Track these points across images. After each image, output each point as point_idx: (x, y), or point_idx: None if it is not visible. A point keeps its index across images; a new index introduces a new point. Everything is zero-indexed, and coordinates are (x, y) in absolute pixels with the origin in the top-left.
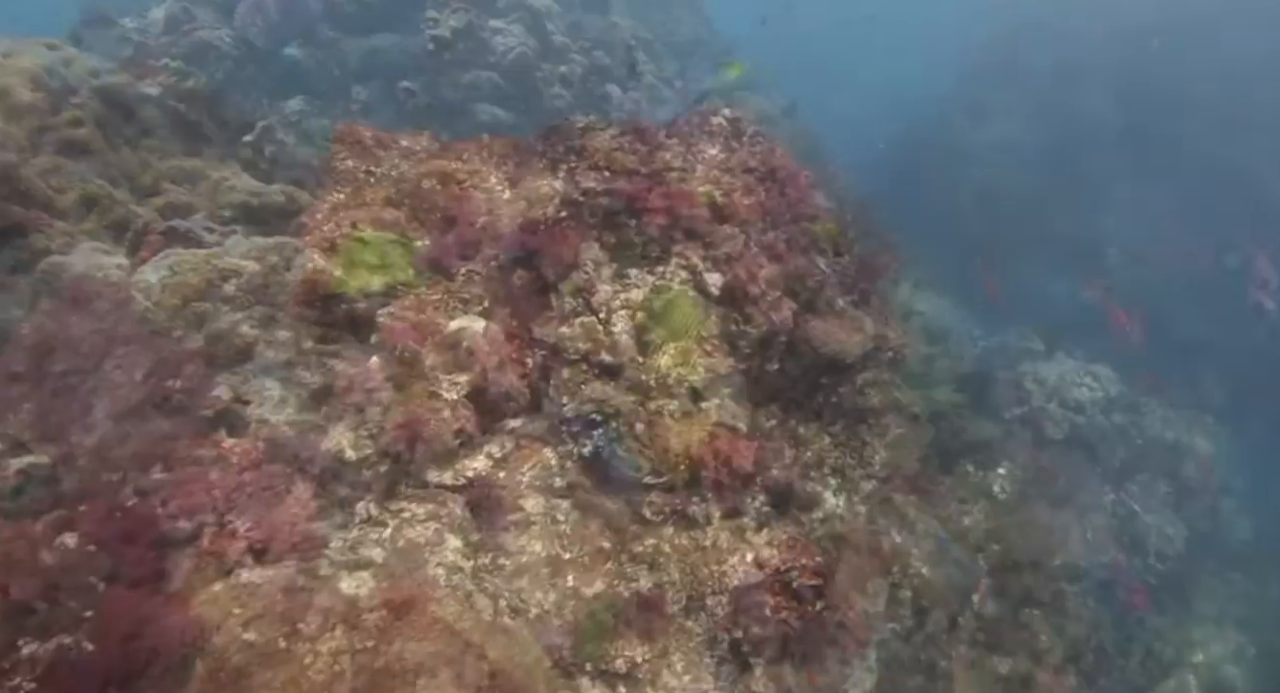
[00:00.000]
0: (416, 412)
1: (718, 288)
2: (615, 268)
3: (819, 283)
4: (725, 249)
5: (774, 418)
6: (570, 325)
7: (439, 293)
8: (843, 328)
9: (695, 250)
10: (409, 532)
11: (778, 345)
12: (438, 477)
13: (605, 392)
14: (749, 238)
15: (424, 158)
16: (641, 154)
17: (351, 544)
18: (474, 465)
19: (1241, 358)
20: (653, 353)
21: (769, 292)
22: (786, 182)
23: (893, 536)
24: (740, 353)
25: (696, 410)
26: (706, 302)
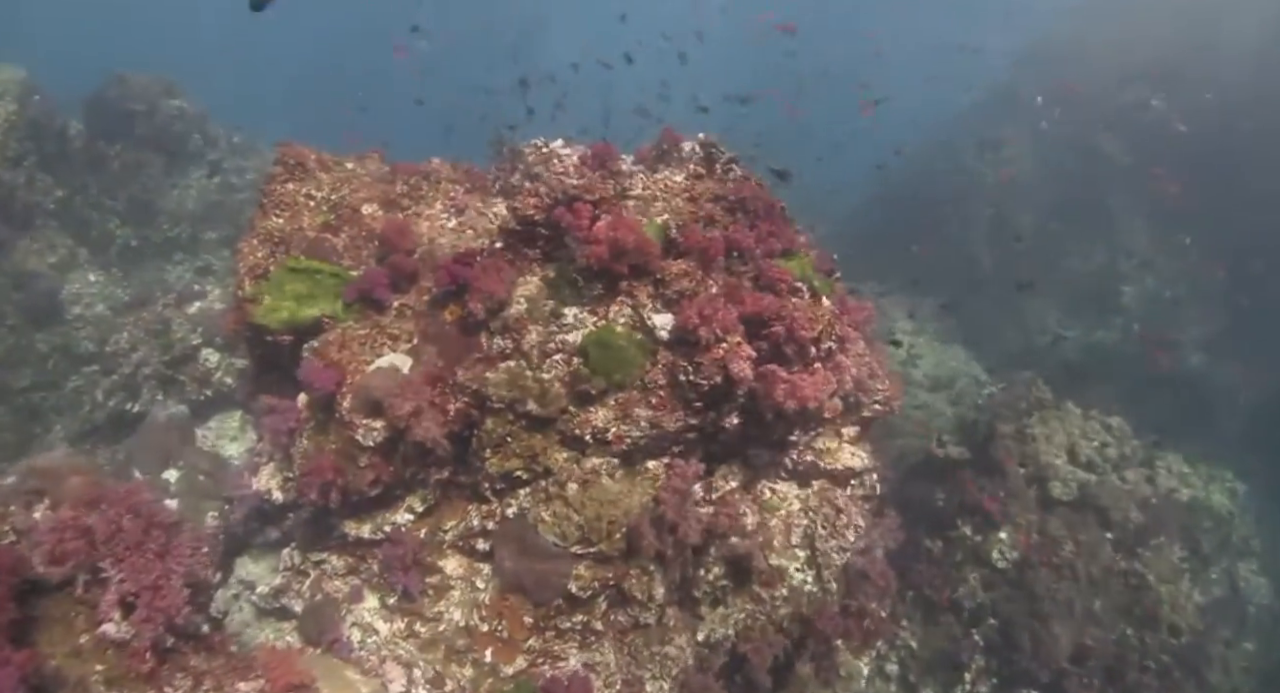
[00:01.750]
0: (322, 460)
1: (667, 331)
2: (552, 306)
3: (788, 326)
4: (677, 287)
5: (734, 478)
6: (495, 370)
7: (367, 327)
8: (813, 378)
9: (643, 288)
10: (328, 585)
11: (736, 398)
12: (356, 530)
13: (533, 446)
14: (707, 275)
15: (368, 182)
16: (589, 181)
17: (275, 592)
18: (394, 519)
19: (1265, 408)
20: (590, 404)
21: (727, 337)
22: (758, 213)
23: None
24: (690, 406)
25: (640, 471)
26: (654, 346)
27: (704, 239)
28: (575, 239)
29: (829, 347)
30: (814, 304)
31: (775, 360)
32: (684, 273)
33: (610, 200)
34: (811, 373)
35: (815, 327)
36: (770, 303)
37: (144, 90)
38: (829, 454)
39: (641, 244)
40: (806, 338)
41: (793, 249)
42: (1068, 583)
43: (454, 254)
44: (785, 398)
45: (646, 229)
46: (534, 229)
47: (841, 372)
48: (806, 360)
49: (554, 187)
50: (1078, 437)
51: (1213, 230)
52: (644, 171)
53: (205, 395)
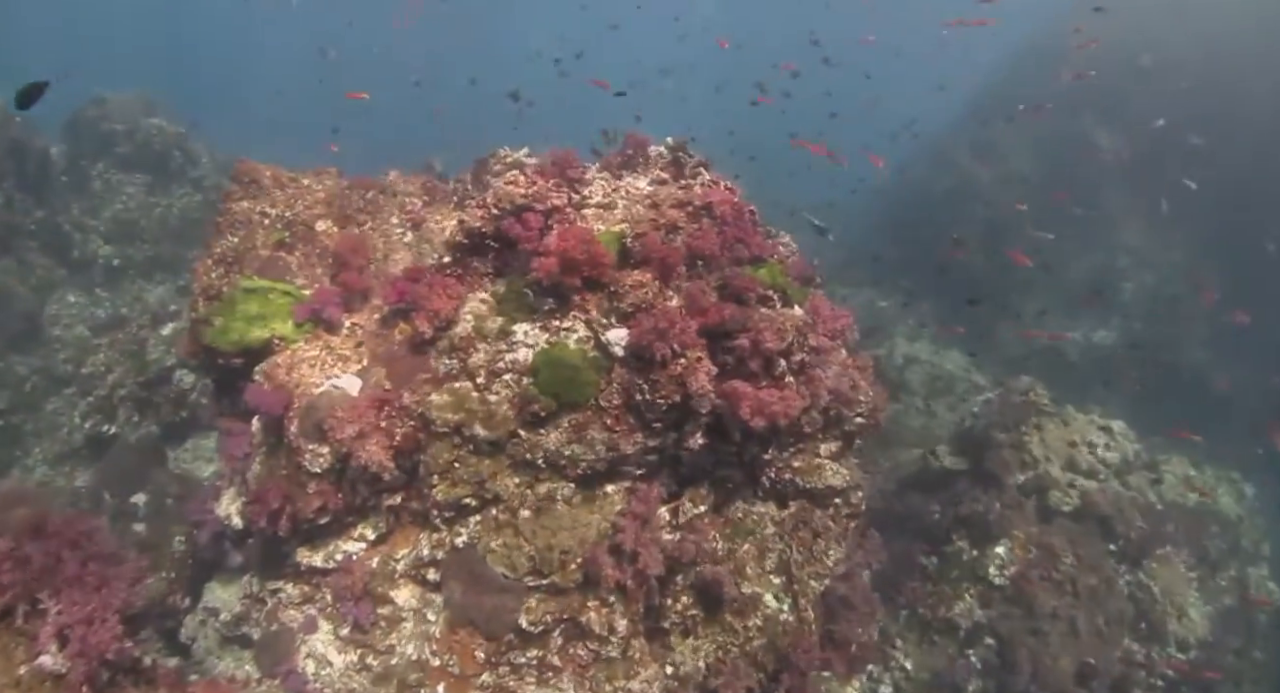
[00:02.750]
0: (269, 487)
1: (621, 347)
2: (501, 323)
3: (753, 339)
4: (631, 300)
5: (703, 501)
6: (440, 392)
7: (317, 348)
8: (782, 393)
9: (597, 302)
10: (284, 614)
11: (699, 416)
12: (309, 558)
13: (480, 472)
14: (665, 286)
15: (322, 198)
16: (538, 190)
17: (236, 619)
18: (346, 548)
19: (1273, 404)
20: (541, 426)
21: (686, 352)
22: (725, 219)
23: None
24: (649, 427)
25: (599, 495)
26: (609, 364)
27: (662, 248)
28: (524, 252)
29: (801, 359)
30: (784, 314)
31: (741, 375)
32: (639, 284)
33: (562, 210)
34: (781, 388)
35: (784, 338)
36: (734, 314)
37: (124, 110)
38: (808, 472)
39: (593, 255)
40: (774, 350)
41: (764, 256)
42: (1068, 599)
43: (404, 270)
44: (752, 415)
45: (602, 239)
46: (483, 242)
47: (815, 385)
48: (775, 374)
49: (501, 197)
50: (1078, 443)
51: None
52: (606, 178)
53: (181, 417)
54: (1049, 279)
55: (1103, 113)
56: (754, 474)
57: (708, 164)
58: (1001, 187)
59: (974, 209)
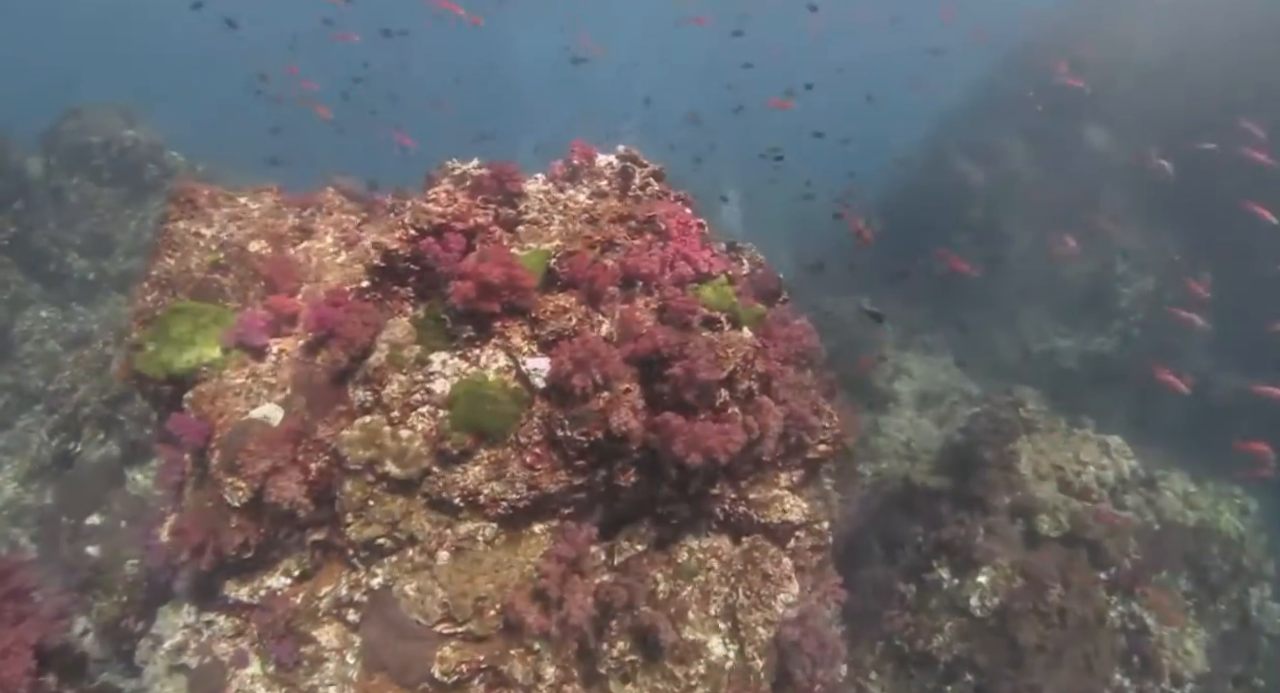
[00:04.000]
0: (191, 521)
1: (542, 378)
2: (419, 351)
3: (687, 368)
4: (553, 327)
5: (642, 540)
6: (352, 426)
7: (243, 376)
8: (720, 427)
9: (518, 329)
10: (216, 647)
11: (629, 453)
12: (236, 592)
13: (392, 512)
14: (594, 310)
15: (256, 217)
16: (458, 207)
17: (176, 648)
18: (271, 583)
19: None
20: (458, 463)
21: (611, 383)
22: (670, 234)
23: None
24: (572, 464)
25: (524, 535)
26: (530, 396)
27: (590, 268)
28: (444, 275)
29: (748, 387)
30: (729, 338)
31: (678, 408)
32: (561, 310)
33: (486, 228)
34: (722, 420)
35: (723, 366)
36: (668, 339)
37: (100, 122)
38: (765, 506)
39: (511, 278)
40: (711, 380)
41: (712, 273)
42: (1055, 631)
43: (326, 293)
44: (686, 452)
45: (528, 259)
46: (402, 264)
47: (764, 415)
48: (715, 405)
49: (418, 216)
50: (1071, 461)
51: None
52: (545, 192)
53: (146, 434)
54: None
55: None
56: (702, 509)
57: (660, 174)
58: (997, 188)
59: (969, 211)
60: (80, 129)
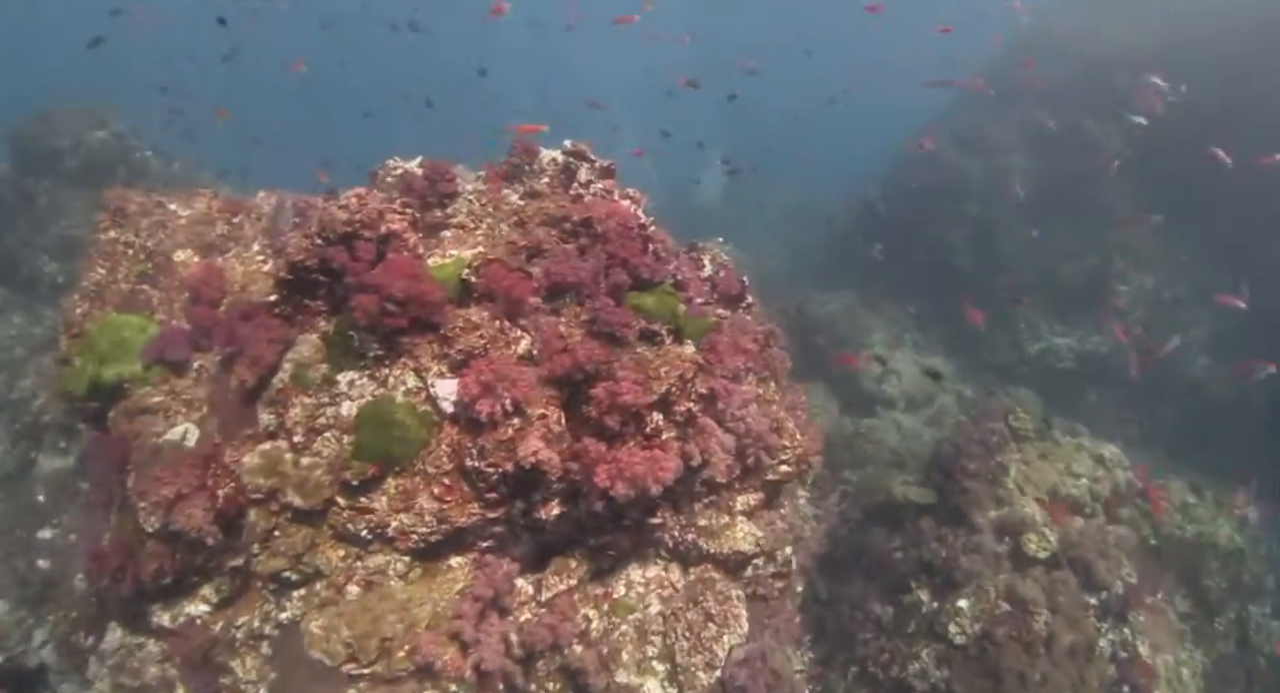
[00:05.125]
0: (106, 545)
1: (450, 402)
2: (325, 371)
3: (610, 390)
4: (464, 345)
5: (572, 575)
6: (254, 453)
7: (162, 394)
8: (649, 454)
9: (428, 347)
10: (146, 671)
11: (548, 484)
12: (159, 617)
13: (295, 545)
14: (513, 324)
15: (184, 225)
16: (368, 214)
17: (115, 668)
18: (191, 610)
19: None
20: (364, 492)
21: (526, 408)
22: (609, 238)
23: None
24: (483, 497)
25: (441, 569)
26: (440, 420)
27: (507, 279)
28: (351, 287)
29: (688, 409)
30: (666, 355)
31: (603, 433)
32: (471, 326)
33: (400, 235)
34: (651, 447)
35: (653, 388)
36: (589, 357)
37: (69, 123)
38: (714, 535)
39: (416, 291)
40: (638, 404)
41: (655, 280)
42: (1041, 661)
43: (242, 306)
44: (610, 482)
45: (442, 269)
46: (310, 276)
47: (707, 439)
48: (645, 430)
49: (325, 223)
50: (1062, 473)
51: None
52: (476, 194)
53: None
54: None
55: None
56: (644, 539)
57: (609, 171)
58: (994, 182)
59: (965, 206)
60: (49, 131)
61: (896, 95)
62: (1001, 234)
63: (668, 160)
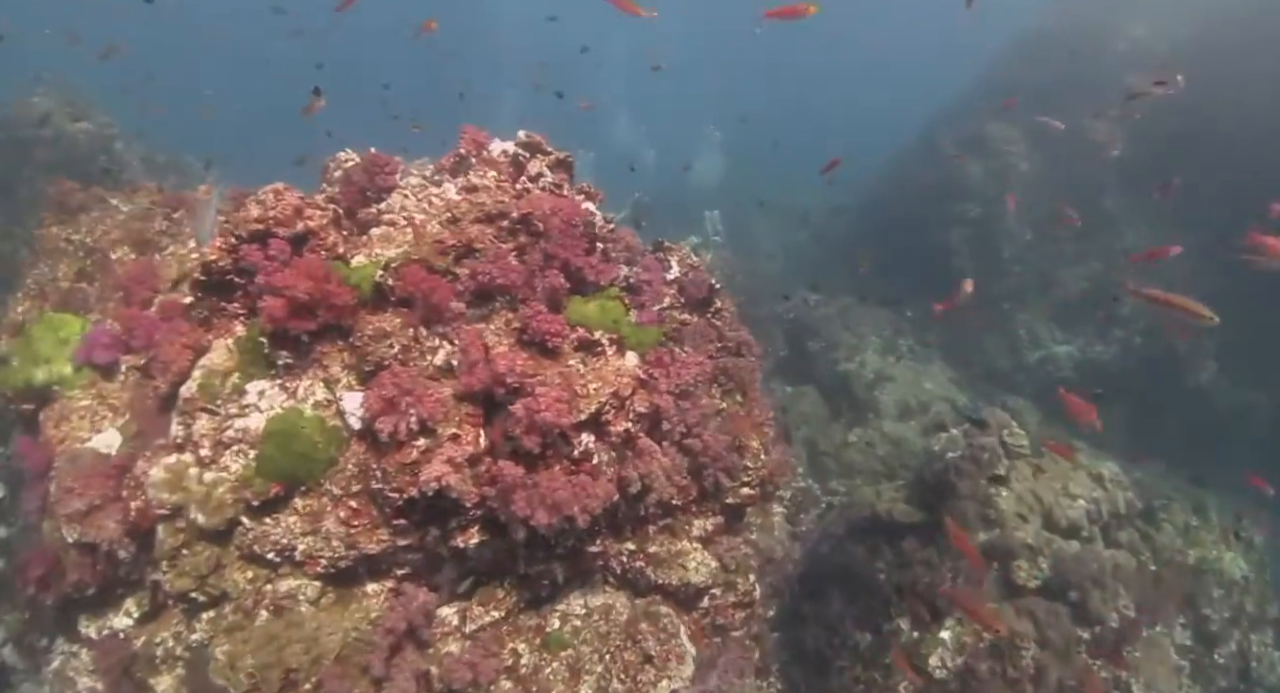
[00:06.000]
0: (33, 554)
1: (359, 417)
2: (235, 380)
3: (530, 407)
4: (374, 354)
5: (500, 606)
6: (159, 466)
7: (90, 397)
8: (574, 480)
9: (338, 355)
10: (80, 681)
11: (465, 510)
12: (86, 628)
13: (203, 565)
14: (429, 332)
15: (123, 220)
16: (282, 211)
17: (56, 673)
18: (114, 622)
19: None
20: (269, 512)
21: (436, 427)
22: (551, 235)
23: None
24: (391, 523)
25: (354, 595)
26: (349, 437)
27: (426, 282)
28: (263, 289)
29: (625, 429)
30: (599, 369)
31: (524, 455)
32: (381, 334)
33: (318, 232)
34: (578, 471)
35: (583, 405)
36: (509, 371)
37: (46, 114)
38: (665, 563)
39: (322, 293)
40: (559, 423)
41: (599, 283)
42: None
43: (159, 306)
44: (530, 510)
45: (360, 270)
46: (224, 277)
47: (648, 461)
48: (573, 453)
49: (238, 219)
50: (1059, 494)
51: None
52: (414, 188)
53: None
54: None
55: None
56: (583, 566)
57: (565, 163)
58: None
59: (964, 208)
60: (25, 121)
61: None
62: (1002, 237)
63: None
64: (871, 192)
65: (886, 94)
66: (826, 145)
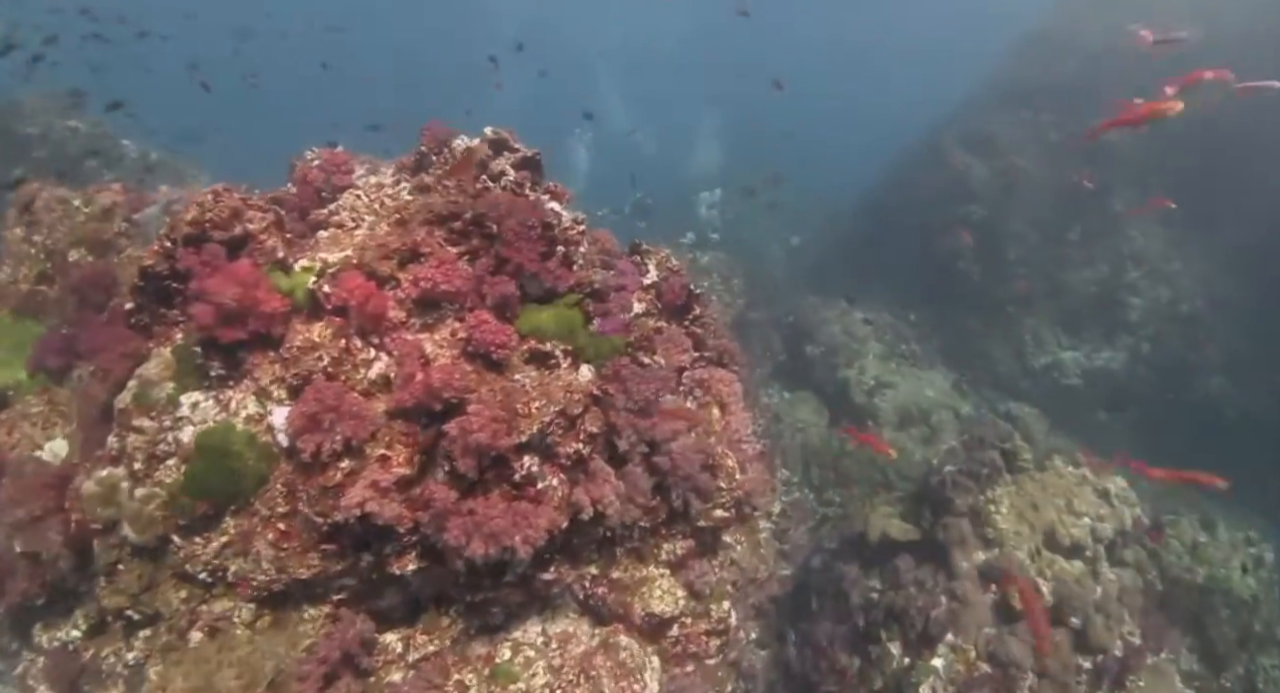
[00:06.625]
0: None
1: (286, 433)
2: (170, 390)
3: (464, 427)
4: (301, 367)
5: (444, 635)
6: (91, 478)
7: (42, 403)
8: (514, 508)
9: (269, 367)
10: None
11: (399, 536)
12: (40, 637)
13: (134, 584)
14: (364, 342)
15: (82, 221)
16: (219, 213)
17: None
18: (63, 634)
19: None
20: (200, 531)
21: (365, 447)
22: (508, 237)
23: None
24: (319, 548)
25: (291, 619)
26: (278, 453)
27: (361, 290)
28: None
29: (575, 450)
30: (546, 385)
31: (454, 483)
32: (310, 346)
33: (256, 236)
34: (521, 497)
35: (524, 426)
36: (443, 386)
37: (38, 112)
38: (628, 590)
39: (249, 301)
40: (495, 445)
41: (558, 291)
42: None
43: (110, 311)
44: (464, 539)
45: (297, 277)
46: (162, 283)
47: (599, 487)
48: (514, 478)
49: (173, 222)
50: (1062, 511)
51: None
52: (366, 189)
53: None
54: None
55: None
56: (537, 594)
57: (532, 162)
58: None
59: (970, 209)
60: (16, 120)
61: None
62: (1008, 239)
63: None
64: (874, 192)
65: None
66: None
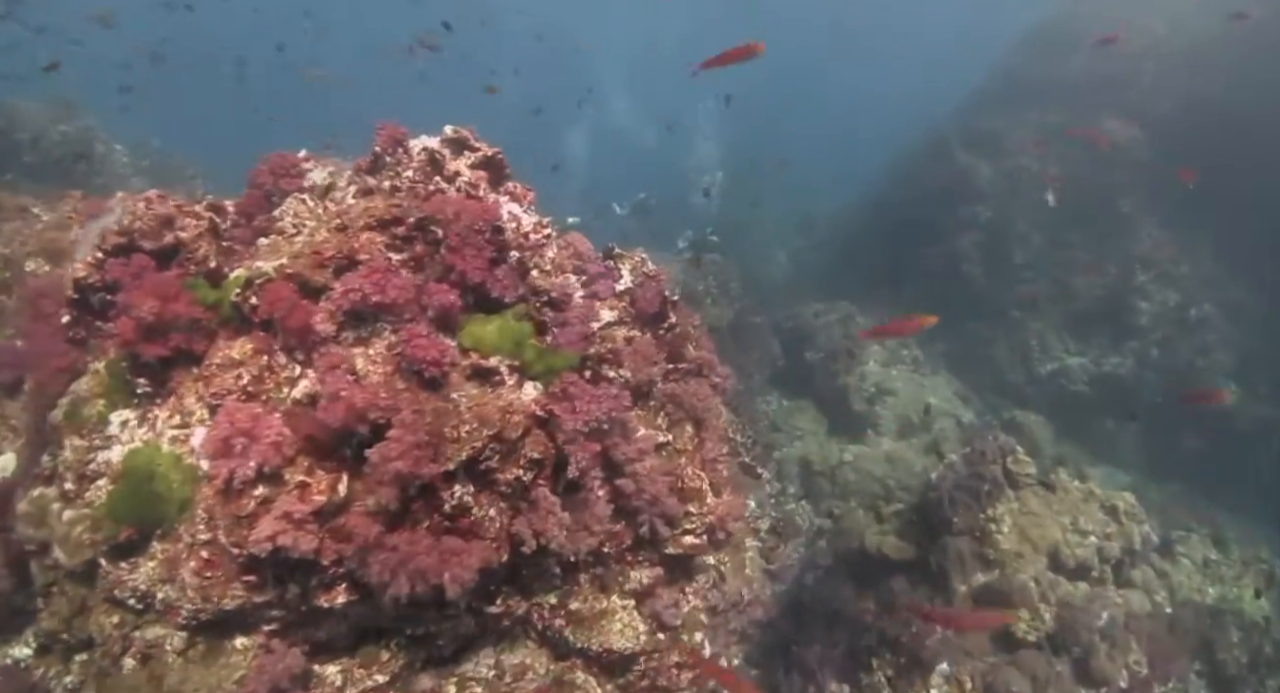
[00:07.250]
0: None
1: (207, 458)
2: (101, 407)
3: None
4: (220, 385)
5: (384, 669)
6: (24, 498)
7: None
8: (437, 542)
9: (193, 385)
10: None
11: (323, 569)
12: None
13: (65, 608)
14: (280, 361)
15: (39, 230)
16: (147, 222)
17: None
18: (14, 651)
19: None
20: (127, 555)
21: (284, 472)
22: (453, 243)
23: None
24: (242, 578)
25: (224, 648)
26: (201, 477)
27: (286, 301)
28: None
29: (515, 477)
30: (480, 407)
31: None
32: (230, 362)
33: (189, 244)
34: (453, 530)
35: (452, 452)
36: (368, 406)
37: (31, 117)
38: (585, 623)
39: (168, 314)
40: (416, 473)
41: (505, 299)
42: None
43: (50, 327)
44: (388, 576)
45: (225, 288)
46: (95, 295)
47: (542, 519)
48: (444, 509)
49: (104, 231)
50: (1067, 529)
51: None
52: (316, 191)
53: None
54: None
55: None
56: (487, 625)
57: (493, 162)
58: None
59: (975, 210)
60: (10, 126)
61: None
62: (1014, 241)
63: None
64: (877, 191)
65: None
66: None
